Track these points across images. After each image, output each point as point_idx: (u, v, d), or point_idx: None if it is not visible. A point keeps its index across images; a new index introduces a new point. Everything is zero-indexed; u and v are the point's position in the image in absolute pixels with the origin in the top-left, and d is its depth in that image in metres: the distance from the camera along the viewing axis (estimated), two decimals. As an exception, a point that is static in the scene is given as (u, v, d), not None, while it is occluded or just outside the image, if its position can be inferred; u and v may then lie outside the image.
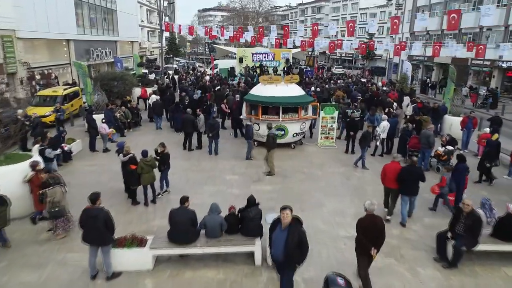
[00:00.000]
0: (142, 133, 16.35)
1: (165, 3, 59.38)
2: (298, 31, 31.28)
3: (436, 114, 15.94)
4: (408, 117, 16.76)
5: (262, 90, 13.53)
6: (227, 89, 19.84)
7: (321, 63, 63.05)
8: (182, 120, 15.18)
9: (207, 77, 23.98)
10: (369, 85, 25.05)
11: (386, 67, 49.80)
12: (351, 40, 36.33)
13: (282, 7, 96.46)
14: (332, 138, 14.62)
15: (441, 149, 11.73)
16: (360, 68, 57.62)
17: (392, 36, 42.02)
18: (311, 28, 61.90)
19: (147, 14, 48.63)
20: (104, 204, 6.72)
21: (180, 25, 28.61)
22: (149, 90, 21.76)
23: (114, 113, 15.46)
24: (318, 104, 14.36)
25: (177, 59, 71.89)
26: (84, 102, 18.89)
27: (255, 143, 14.32)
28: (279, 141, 13.39)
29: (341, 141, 15.16)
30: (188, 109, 14.77)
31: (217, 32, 28.95)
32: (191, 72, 36.32)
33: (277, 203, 9.03)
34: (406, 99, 21.87)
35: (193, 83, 25.40)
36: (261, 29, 29.90)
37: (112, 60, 34.90)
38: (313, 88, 20.86)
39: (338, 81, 27.58)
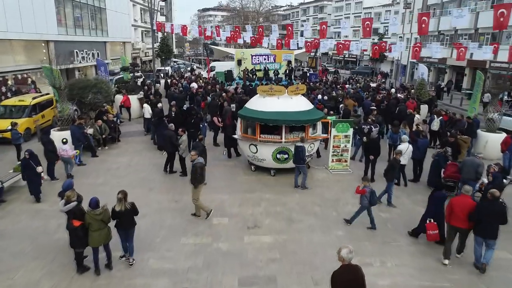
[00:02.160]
0: (118, 152, 13.77)
1: (162, 3, 57.13)
2: (304, 30, 28.31)
3: (469, 130, 13.36)
4: (441, 135, 14.25)
5: (261, 104, 10.94)
6: (220, 99, 17.16)
7: (324, 64, 60.49)
8: (163, 136, 12.70)
9: (194, 85, 21.15)
10: (383, 92, 22.40)
11: (393, 69, 47.34)
12: (357, 41, 33.79)
13: (283, 6, 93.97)
14: (345, 161, 12.03)
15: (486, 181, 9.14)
16: (351, 69, 54.93)
17: (401, 37, 39.46)
18: (317, 27, 59.15)
19: (141, 13, 46.07)
20: (41, 271, 4.17)
21: (172, 25, 26.06)
22: (133, 97, 19.24)
23: (85, 129, 12.91)
24: (329, 121, 11.74)
25: (175, 60, 69.69)
26: (59, 111, 16.38)
27: (252, 167, 11.75)
28: (281, 166, 10.87)
29: (356, 163, 12.61)
30: (170, 124, 12.26)
31: (211, 32, 26.26)
32: (186, 75, 33.82)
33: (280, 268, 6.53)
34: (424, 108, 19.32)
35: (185, 88, 22.82)
36: (260, 29, 27.19)
37: (105, 62, 32.52)
38: (319, 97, 18.24)
39: (346, 85, 24.94)
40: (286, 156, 10.80)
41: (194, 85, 21.09)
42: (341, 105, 18.97)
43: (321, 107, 16.31)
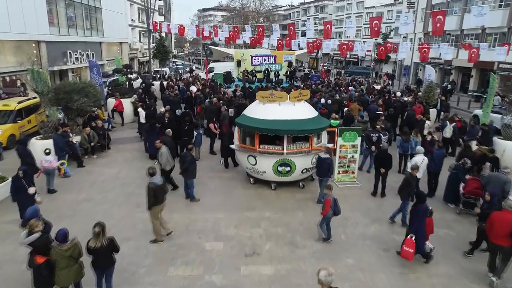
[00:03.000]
0: (107, 161, 12.78)
1: (160, 2, 56.19)
2: (307, 30, 27.26)
3: (485, 137, 12.37)
4: (454, 143, 13.27)
5: (260, 111, 9.94)
6: (221, 103, 16.12)
7: (327, 65, 59.51)
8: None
9: (194, 88, 20.00)
10: (392, 95, 21.37)
11: (396, 70, 46.27)
12: (360, 41, 32.82)
13: (283, 6, 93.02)
14: (353, 173, 11.03)
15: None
16: (343, 69, 53.71)
17: (405, 37, 38.45)
18: (318, 27, 58.12)
19: (139, 13, 45.06)
20: None
21: (169, 25, 25.07)
22: (126, 101, 18.25)
23: (70, 137, 11.93)
24: (335, 130, 10.72)
25: (174, 60, 68.70)
26: (47, 116, 15.39)
27: (251, 179, 10.76)
28: (282, 179, 9.88)
29: (363, 174, 11.62)
30: (168, 130, 11.31)
31: (209, 32, 25.24)
32: (184, 77, 32.81)
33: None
34: (432, 113, 18.31)
35: (182, 91, 21.81)
36: (260, 29, 26.17)
37: (99, 63, 31.47)
38: (322, 101, 17.22)
39: (349, 88, 23.89)
40: (288, 168, 9.80)
41: (193, 88, 19.91)
42: (345, 109, 18.01)
43: (325, 111, 15.37)
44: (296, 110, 9.88)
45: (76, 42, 27.70)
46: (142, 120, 15.13)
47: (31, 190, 7.79)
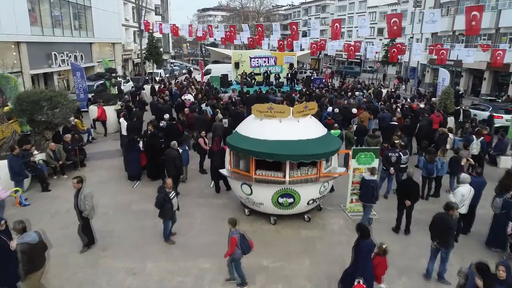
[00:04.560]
0: (78, 183, 10.89)
1: (156, 1, 54.35)
2: (312, 30, 25.33)
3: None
4: (481, 161, 11.41)
5: (256, 129, 8.08)
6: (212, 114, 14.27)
7: (331, 66, 57.73)
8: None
9: (190, 97, 17.76)
10: (403, 101, 19.51)
11: (401, 72, 44.32)
12: (362, 41, 30.95)
13: (284, 6, 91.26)
14: (368, 201, 9.16)
15: None
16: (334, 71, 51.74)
17: (411, 37, 36.49)
18: (322, 27, 56.33)
19: (133, 13, 43.13)
20: None
21: (160, 24, 23.23)
22: (110, 108, 16.39)
23: (32, 155, 10.08)
24: (349, 152, 8.85)
25: (172, 61, 66.88)
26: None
27: (246, 210, 8.89)
28: (284, 212, 8.05)
29: (381, 201, 9.73)
30: (173, 142, 9.70)
31: (204, 32, 23.37)
32: (178, 80, 30.99)
33: None
34: (450, 122, 16.41)
35: (175, 96, 19.95)
36: (259, 28, 24.27)
37: (89, 65, 29.70)
38: (329, 109, 15.34)
39: (356, 93, 21.97)
40: (291, 200, 7.94)
41: (188, 97, 17.78)
42: (353, 119, 16.15)
43: (331, 122, 13.54)
44: (301, 128, 8.01)
45: (63, 43, 25.83)
46: (124, 132, 13.29)
47: (13, 244, 5.53)
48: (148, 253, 7.31)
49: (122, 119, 13.36)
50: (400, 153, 9.86)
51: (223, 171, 8.59)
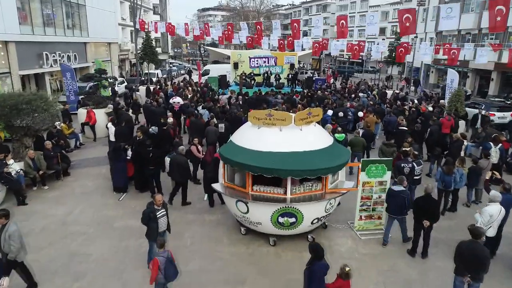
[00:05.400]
0: (59, 195, 9.92)
1: (155, 1, 53.45)
2: (315, 27, 24.31)
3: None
4: (500, 170, 10.44)
5: (253, 138, 7.11)
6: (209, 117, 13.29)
7: (333, 66, 56.79)
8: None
9: (179, 99, 16.49)
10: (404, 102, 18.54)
11: (404, 72, 43.21)
12: (372, 41, 29.96)
13: (284, 5, 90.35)
14: (379, 218, 8.20)
15: None
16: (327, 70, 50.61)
17: (416, 37, 35.47)
18: (324, 27, 55.16)
19: (130, 12, 42.19)
20: None
21: (155, 23, 22.28)
22: (100, 111, 15.43)
23: (7, 165, 9.13)
24: (358, 165, 7.86)
25: (171, 62, 65.93)
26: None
27: (242, 229, 7.93)
28: (285, 233, 7.12)
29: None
30: (181, 147, 8.91)
31: (201, 31, 22.40)
32: (175, 81, 30.03)
33: None
34: (462, 125, 15.47)
35: (170, 98, 18.96)
36: (258, 26, 23.26)
37: (84, 65, 28.74)
38: (330, 112, 14.34)
39: (360, 94, 20.98)
40: (292, 220, 6.97)
41: (177, 100, 16.66)
42: (358, 123, 15.21)
43: (336, 126, 12.59)
44: (304, 137, 7.04)
45: (55, 43, 24.87)
46: (112, 138, 12.34)
47: (5, 282, 4.94)
48: (129, 282, 6.36)
49: (109, 124, 12.41)
50: (414, 163, 8.89)
51: (216, 186, 7.61)
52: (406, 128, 12.57)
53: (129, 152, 10.25)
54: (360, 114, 14.89)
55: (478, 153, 12.87)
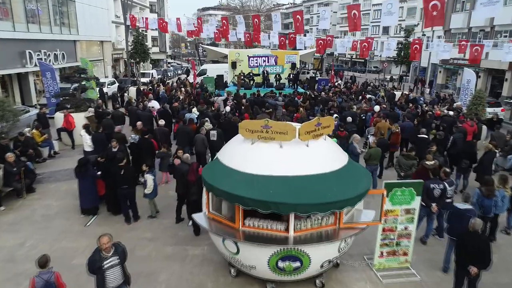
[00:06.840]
0: (16, 217, 8.26)
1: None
2: (321, 20, 22.45)
3: None
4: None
5: (246, 157, 5.43)
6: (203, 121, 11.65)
7: (338, 66, 55.15)
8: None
9: (155, 104, 15.12)
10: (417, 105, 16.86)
11: (410, 72, 41.50)
12: (379, 37, 28.27)
13: (285, 4, 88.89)
14: (405, 254, 6.52)
15: None
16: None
17: (424, 35, 33.76)
18: (331, 25, 54.05)
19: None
20: None
21: (146, 19, 20.68)
22: (79, 116, 13.75)
23: None
24: (383, 192, 6.15)
25: (170, 61, 64.34)
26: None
27: (233, 270, 6.23)
28: (286, 279, 5.43)
29: (417, 246, 7.07)
30: (186, 155, 7.60)
31: (195, 27, 20.74)
32: (169, 82, 28.38)
33: None
34: (484, 130, 13.80)
35: (163, 100, 17.29)
36: (256, 19, 21.53)
37: (74, 64, 26.97)
38: (335, 116, 12.65)
39: (367, 96, 19.27)
40: (297, 264, 5.29)
41: (154, 104, 15.13)
42: (368, 129, 13.55)
43: (344, 134, 10.98)
44: (312, 156, 5.35)
45: (40, 40, 23.23)
46: (87, 148, 10.69)
47: None
48: None
49: (83, 131, 10.74)
50: (445, 183, 7.21)
51: (198, 217, 5.91)
52: (426, 136, 10.89)
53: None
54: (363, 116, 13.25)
55: (506, 164, 11.30)
